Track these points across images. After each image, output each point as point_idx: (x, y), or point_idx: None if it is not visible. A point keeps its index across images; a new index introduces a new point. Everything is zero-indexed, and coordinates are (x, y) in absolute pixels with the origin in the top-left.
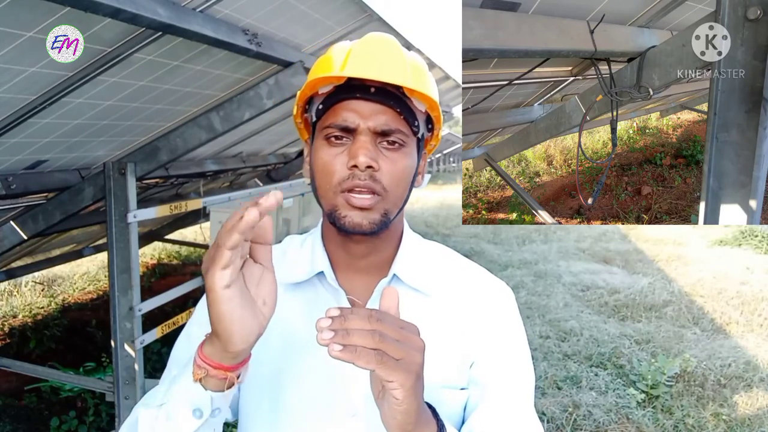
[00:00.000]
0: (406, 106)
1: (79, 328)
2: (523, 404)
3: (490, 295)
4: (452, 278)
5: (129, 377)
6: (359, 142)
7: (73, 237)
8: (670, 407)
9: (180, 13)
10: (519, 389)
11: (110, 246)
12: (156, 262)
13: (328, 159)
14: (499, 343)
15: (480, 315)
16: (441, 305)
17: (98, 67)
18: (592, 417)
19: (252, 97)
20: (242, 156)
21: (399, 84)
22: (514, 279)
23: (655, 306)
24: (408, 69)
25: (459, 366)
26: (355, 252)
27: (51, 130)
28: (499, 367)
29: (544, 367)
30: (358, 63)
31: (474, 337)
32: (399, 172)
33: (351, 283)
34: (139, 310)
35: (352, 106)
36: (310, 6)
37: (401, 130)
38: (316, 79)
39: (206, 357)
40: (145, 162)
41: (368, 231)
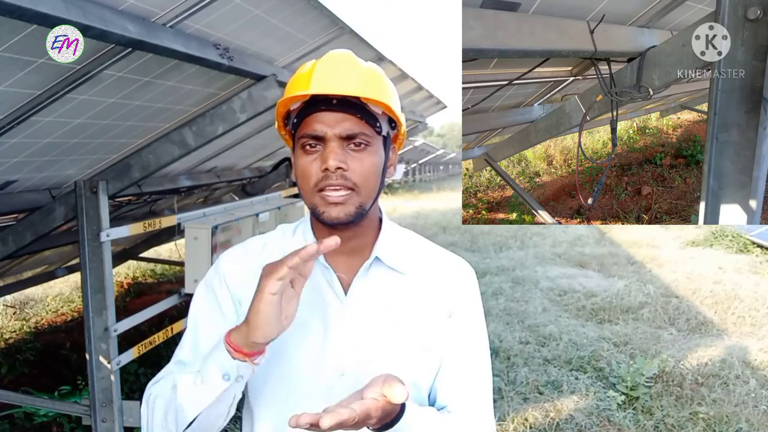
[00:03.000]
0: (366, 111)
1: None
2: (480, 366)
3: (456, 273)
4: (424, 259)
5: (106, 399)
6: (329, 148)
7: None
8: (650, 408)
9: (150, 29)
10: (477, 354)
11: (83, 266)
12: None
13: (305, 165)
14: (462, 315)
15: (447, 289)
16: (416, 282)
17: (67, 84)
18: (574, 421)
19: (225, 112)
20: (216, 171)
21: (355, 95)
22: (492, 286)
23: (631, 308)
24: (364, 79)
25: (433, 331)
26: (339, 237)
27: (20, 150)
28: (461, 336)
29: (525, 372)
30: (320, 80)
31: (443, 308)
32: (367, 169)
33: (338, 264)
34: (114, 331)
35: (319, 117)
36: (281, 20)
37: (364, 132)
38: (286, 98)
39: (231, 342)
40: (117, 180)
41: (346, 221)
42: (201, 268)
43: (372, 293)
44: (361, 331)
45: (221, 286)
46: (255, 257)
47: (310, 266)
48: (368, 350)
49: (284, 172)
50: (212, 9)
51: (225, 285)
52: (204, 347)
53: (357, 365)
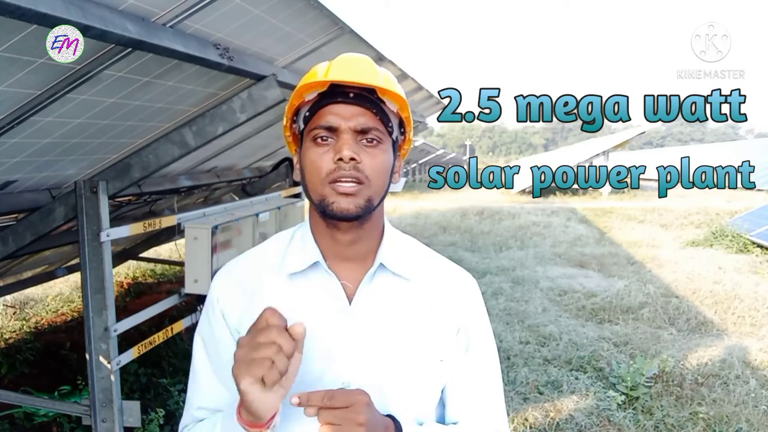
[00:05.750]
0: (381, 108)
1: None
2: (492, 380)
3: (462, 286)
4: (428, 267)
5: (106, 399)
6: (342, 139)
7: (45, 258)
8: (650, 408)
9: (150, 29)
10: (488, 368)
11: (83, 266)
12: (131, 281)
13: (316, 157)
14: (471, 329)
15: (454, 303)
16: (421, 289)
17: (67, 84)
18: (574, 420)
19: (225, 112)
20: (216, 171)
21: (374, 85)
22: (492, 286)
23: (631, 308)
24: (380, 75)
25: (440, 342)
26: (342, 241)
27: (20, 150)
28: (471, 351)
29: (525, 372)
30: (338, 71)
31: (450, 321)
32: (379, 165)
33: (340, 271)
34: (114, 331)
35: (334, 109)
36: (281, 20)
37: (378, 128)
38: (304, 85)
39: (243, 419)
40: (117, 180)
41: (354, 215)
42: (201, 268)
43: (377, 301)
44: (366, 340)
45: (218, 321)
46: (251, 274)
47: (301, 335)
48: (374, 360)
49: (284, 172)
50: (212, 9)
51: (222, 318)
52: (217, 388)
53: (362, 375)
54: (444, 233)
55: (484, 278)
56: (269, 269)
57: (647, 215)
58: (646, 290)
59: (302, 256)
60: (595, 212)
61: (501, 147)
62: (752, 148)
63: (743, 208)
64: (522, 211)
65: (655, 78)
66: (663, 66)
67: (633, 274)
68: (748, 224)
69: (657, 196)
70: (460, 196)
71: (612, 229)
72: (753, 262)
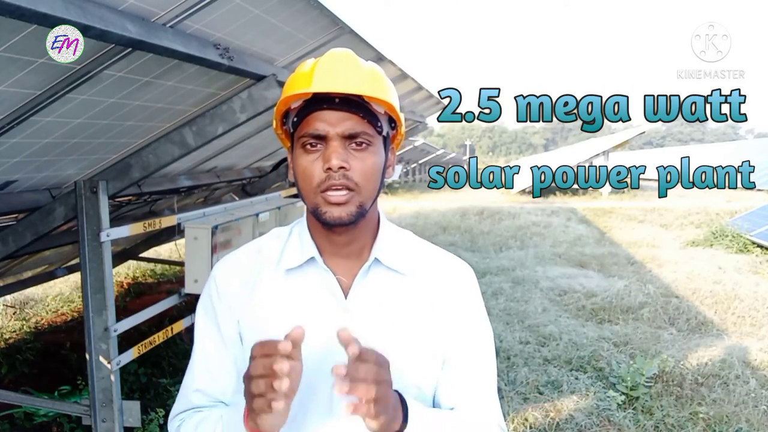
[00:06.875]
0: (368, 111)
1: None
2: (486, 367)
3: (457, 274)
4: (424, 260)
5: (106, 399)
6: (331, 147)
7: (45, 258)
8: (650, 408)
9: (150, 29)
10: (482, 357)
11: (83, 266)
12: (131, 281)
13: (306, 165)
14: (465, 316)
15: (449, 291)
16: (416, 283)
17: (67, 84)
18: (574, 420)
19: (225, 112)
20: (216, 171)
21: (359, 93)
22: (492, 286)
23: (631, 308)
24: (366, 78)
25: (436, 333)
26: (337, 241)
27: (20, 150)
28: (465, 338)
29: (525, 372)
30: (322, 78)
31: (445, 310)
32: (368, 169)
33: (336, 267)
34: (114, 331)
35: (321, 116)
36: (281, 20)
37: (366, 131)
38: (288, 96)
39: (251, 429)
40: (117, 180)
41: (347, 222)
42: (201, 268)
43: (372, 295)
44: (362, 334)
45: (221, 305)
46: (250, 267)
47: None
48: None
49: (284, 172)
50: (212, 9)
51: (223, 303)
52: (217, 374)
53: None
54: (444, 233)
55: (484, 278)
56: (267, 264)
57: (647, 215)
58: (646, 290)
59: (299, 252)
60: (595, 212)
61: (501, 147)
62: (752, 148)
63: (743, 208)
64: (522, 211)
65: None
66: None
67: (633, 274)
68: (748, 224)
69: (657, 196)
70: (460, 196)
71: (612, 229)
72: (753, 262)
